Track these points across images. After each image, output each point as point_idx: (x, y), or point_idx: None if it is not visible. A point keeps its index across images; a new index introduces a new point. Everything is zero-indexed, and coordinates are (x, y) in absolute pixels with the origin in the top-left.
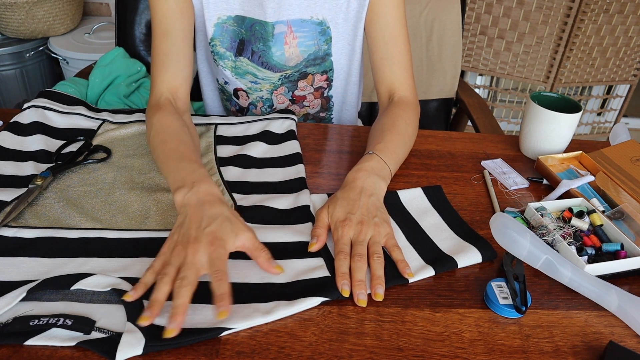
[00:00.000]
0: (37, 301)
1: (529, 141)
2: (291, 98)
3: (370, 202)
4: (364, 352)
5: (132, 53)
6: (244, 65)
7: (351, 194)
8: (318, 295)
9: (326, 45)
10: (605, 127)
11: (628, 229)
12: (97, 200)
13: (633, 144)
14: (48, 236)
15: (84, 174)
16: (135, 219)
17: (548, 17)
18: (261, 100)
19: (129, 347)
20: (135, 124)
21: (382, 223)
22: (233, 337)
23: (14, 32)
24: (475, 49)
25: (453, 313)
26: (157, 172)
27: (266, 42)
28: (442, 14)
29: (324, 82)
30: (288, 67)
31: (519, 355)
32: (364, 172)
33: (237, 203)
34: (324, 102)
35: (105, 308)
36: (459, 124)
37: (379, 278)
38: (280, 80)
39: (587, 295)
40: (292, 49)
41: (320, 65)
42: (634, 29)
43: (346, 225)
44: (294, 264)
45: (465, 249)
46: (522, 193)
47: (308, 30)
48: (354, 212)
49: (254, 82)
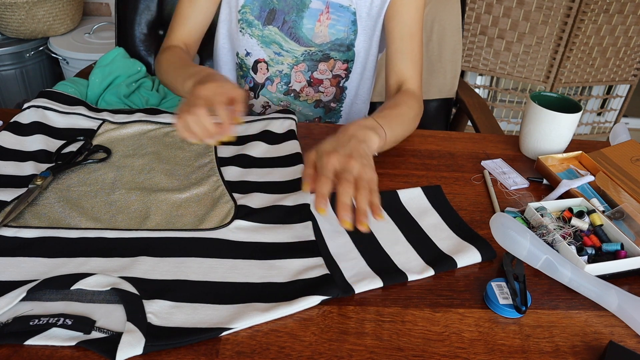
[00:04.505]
0: (37, 301)
1: (529, 141)
2: (309, 79)
3: (361, 147)
4: (364, 352)
5: (132, 53)
6: (272, 34)
7: (341, 137)
8: (318, 294)
9: (353, 35)
10: (605, 127)
11: (628, 229)
12: (97, 200)
13: (633, 144)
14: (48, 236)
15: (84, 174)
16: (135, 218)
17: (548, 17)
18: (279, 75)
19: (129, 347)
20: (135, 124)
21: (371, 167)
22: (233, 337)
23: (14, 32)
24: (475, 49)
25: (453, 313)
26: (158, 172)
27: (300, 12)
28: (442, 14)
29: (343, 70)
30: (313, 44)
31: (519, 355)
32: (357, 124)
33: (237, 203)
34: (338, 91)
35: (105, 308)
36: (459, 124)
37: (363, 211)
38: (303, 56)
39: (587, 295)
40: (322, 27)
41: (344, 53)
42: (634, 29)
43: (332, 154)
44: (293, 264)
45: (465, 248)
46: (522, 193)
47: (343, 15)
48: (344, 146)
49: (277, 53)
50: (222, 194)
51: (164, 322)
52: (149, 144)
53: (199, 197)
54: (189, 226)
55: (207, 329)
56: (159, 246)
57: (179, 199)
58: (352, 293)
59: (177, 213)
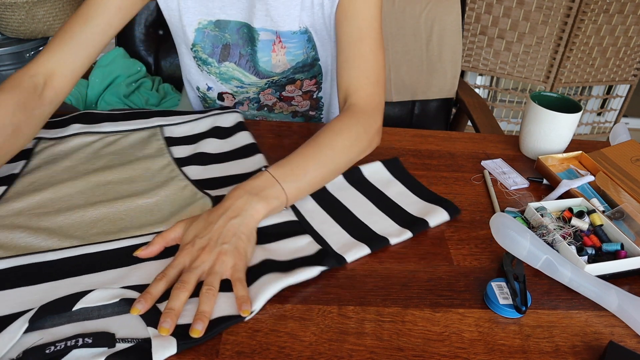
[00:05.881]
0: (41, 330)
1: (529, 141)
2: (279, 97)
3: (230, 225)
4: (364, 352)
5: (132, 53)
6: (230, 71)
7: (213, 214)
8: (316, 265)
9: (313, 51)
10: (605, 127)
11: (628, 229)
12: (62, 218)
13: (633, 144)
14: (24, 264)
15: (34, 195)
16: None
17: (548, 17)
18: (248, 99)
19: (162, 349)
20: (75, 138)
21: (231, 252)
22: (233, 337)
23: (14, 32)
24: (475, 49)
25: (453, 313)
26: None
27: (252, 46)
28: (442, 14)
29: (313, 86)
30: (274, 74)
31: (519, 355)
32: (240, 190)
33: (212, 196)
34: (313, 102)
35: (118, 320)
36: (459, 124)
37: (202, 313)
38: (267, 85)
39: (587, 295)
40: (279, 57)
41: (309, 71)
42: (634, 29)
43: (185, 249)
44: (287, 245)
45: (432, 210)
46: (522, 193)
47: (297, 40)
48: (203, 236)
49: (239, 87)
50: (193, 191)
51: (185, 320)
52: (97, 155)
53: (169, 198)
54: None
55: (230, 316)
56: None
57: (148, 203)
58: (345, 263)
59: (152, 218)
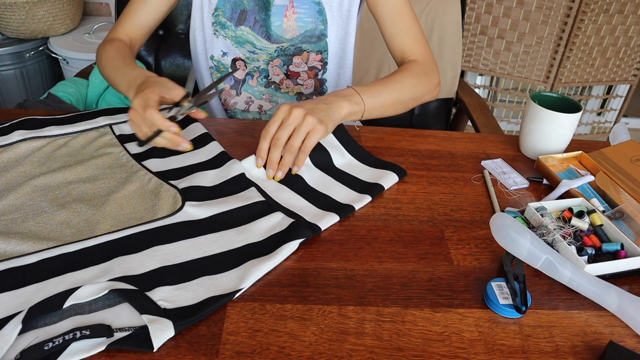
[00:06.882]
0: (35, 329)
1: (529, 141)
2: (286, 72)
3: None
4: (364, 352)
5: None
6: (244, 34)
7: (308, 101)
8: (295, 239)
9: (322, 25)
10: (605, 127)
11: (628, 229)
12: (31, 223)
13: (633, 144)
14: (3, 269)
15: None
16: (85, 228)
17: (548, 17)
18: (257, 70)
19: (160, 332)
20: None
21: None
22: (233, 337)
23: (14, 32)
24: (475, 49)
25: (453, 313)
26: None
27: (267, 10)
28: (442, 14)
29: (318, 62)
30: (284, 40)
31: (519, 355)
32: (333, 93)
33: (179, 187)
34: (317, 84)
35: (110, 312)
36: (459, 124)
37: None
38: (276, 52)
39: (587, 295)
40: (290, 22)
41: (316, 44)
42: (634, 29)
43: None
44: (260, 224)
45: (383, 174)
46: (522, 193)
47: (308, 8)
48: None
49: (252, 51)
50: (158, 183)
51: (177, 304)
52: (50, 158)
53: (135, 192)
54: (146, 219)
55: (222, 295)
56: (129, 244)
57: (117, 197)
58: (319, 231)
59: (124, 212)
